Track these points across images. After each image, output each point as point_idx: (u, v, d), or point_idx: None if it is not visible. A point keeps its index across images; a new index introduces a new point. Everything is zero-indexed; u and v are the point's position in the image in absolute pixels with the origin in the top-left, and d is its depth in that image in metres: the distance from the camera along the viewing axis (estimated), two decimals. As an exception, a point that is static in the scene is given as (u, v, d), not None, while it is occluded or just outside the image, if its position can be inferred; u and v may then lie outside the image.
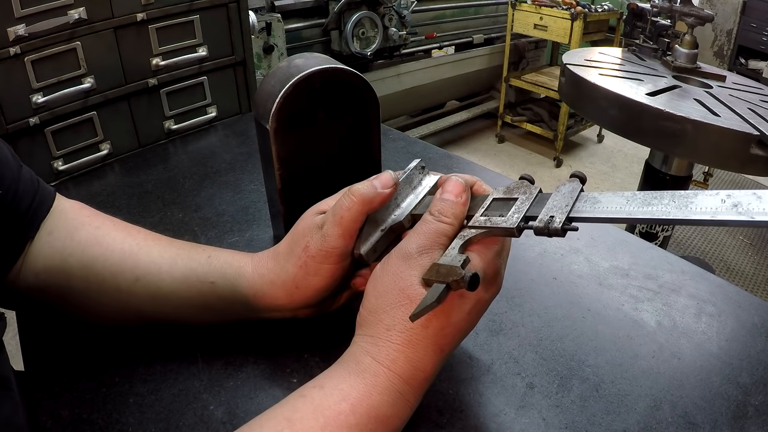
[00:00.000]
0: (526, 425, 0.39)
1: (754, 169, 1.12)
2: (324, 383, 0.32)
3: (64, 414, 0.40)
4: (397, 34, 2.40)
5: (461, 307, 0.33)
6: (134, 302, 0.43)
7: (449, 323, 0.33)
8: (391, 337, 0.32)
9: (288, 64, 0.49)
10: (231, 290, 0.42)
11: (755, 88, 1.48)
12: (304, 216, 0.43)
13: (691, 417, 0.40)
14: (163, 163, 0.79)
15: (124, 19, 0.75)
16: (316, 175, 0.51)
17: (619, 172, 3.01)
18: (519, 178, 0.37)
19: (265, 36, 1.90)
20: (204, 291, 0.42)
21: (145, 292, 0.42)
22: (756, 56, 3.65)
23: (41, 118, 0.70)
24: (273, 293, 0.41)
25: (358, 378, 0.32)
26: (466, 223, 0.36)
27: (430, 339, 0.32)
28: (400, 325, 0.32)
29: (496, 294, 0.37)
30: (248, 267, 0.42)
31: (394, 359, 0.32)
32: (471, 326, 0.35)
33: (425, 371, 0.33)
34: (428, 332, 0.32)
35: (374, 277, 0.35)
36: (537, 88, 3.03)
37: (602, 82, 1.29)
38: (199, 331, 0.46)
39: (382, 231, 0.40)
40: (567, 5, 2.69)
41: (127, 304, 0.43)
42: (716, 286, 0.54)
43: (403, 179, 0.42)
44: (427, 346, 0.32)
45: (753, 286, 2.09)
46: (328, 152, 0.52)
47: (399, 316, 0.32)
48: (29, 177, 0.43)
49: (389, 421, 0.31)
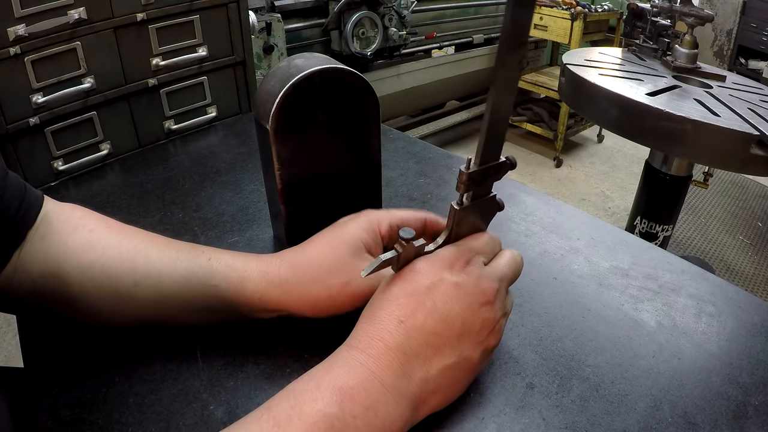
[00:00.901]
0: (526, 425, 0.39)
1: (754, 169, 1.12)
2: (302, 376, 0.34)
3: (64, 414, 0.40)
4: (397, 34, 2.40)
5: (415, 281, 0.36)
6: (134, 306, 0.42)
7: (403, 294, 0.36)
8: (358, 324, 0.36)
9: (288, 64, 0.49)
10: (234, 293, 0.42)
11: (755, 88, 1.48)
12: (344, 232, 0.43)
13: (691, 417, 0.40)
14: (163, 163, 0.79)
15: (124, 19, 0.75)
16: (316, 175, 0.51)
17: (619, 172, 3.01)
18: (505, 158, 0.40)
19: (265, 36, 1.90)
20: (206, 294, 0.42)
21: (145, 296, 0.42)
22: (756, 56, 3.65)
23: (41, 118, 0.70)
24: (282, 300, 0.41)
25: (325, 361, 0.34)
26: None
27: (384, 310, 0.36)
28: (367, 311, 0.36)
29: (459, 280, 0.37)
30: (254, 272, 0.42)
31: (352, 335, 0.36)
32: (430, 300, 0.36)
33: (383, 340, 0.34)
34: (383, 305, 0.36)
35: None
36: (537, 88, 3.03)
37: (602, 82, 1.29)
38: (199, 331, 0.46)
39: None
40: (567, 5, 2.69)
41: (126, 308, 0.42)
42: (716, 286, 0.54)
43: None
44: (382, 317, 0.35)
45: (753, 286, 2.09)
46: (328, 152, 0.52)
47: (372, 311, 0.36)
48: (16, 183, 0.42)
49: (353, 392, 0.32)
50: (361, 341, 0.35)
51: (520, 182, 0.75)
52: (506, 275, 0.41)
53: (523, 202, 0.69)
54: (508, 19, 0.33)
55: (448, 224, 0.41)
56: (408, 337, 0.34)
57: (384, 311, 0.36)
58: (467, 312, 0.36)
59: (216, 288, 0.42)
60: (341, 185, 0.55)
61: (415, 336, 0.35)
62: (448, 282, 0.36)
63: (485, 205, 0.42)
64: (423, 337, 0.35)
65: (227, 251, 0.44)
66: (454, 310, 0.36)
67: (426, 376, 0.35)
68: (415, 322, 0.35)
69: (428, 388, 0.35)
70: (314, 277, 0.41)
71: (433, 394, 0.36)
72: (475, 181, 0.39)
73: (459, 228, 0.42)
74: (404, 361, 0.34)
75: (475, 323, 0.37)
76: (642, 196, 1.65)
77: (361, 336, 0.35)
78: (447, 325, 0.35)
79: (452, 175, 0.75)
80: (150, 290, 0.42)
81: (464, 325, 0.36)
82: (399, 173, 0.75)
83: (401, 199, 0.69)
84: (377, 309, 0.36)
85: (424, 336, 0.35)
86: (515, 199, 0.70)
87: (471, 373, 0.38)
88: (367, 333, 0.35)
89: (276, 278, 0.41)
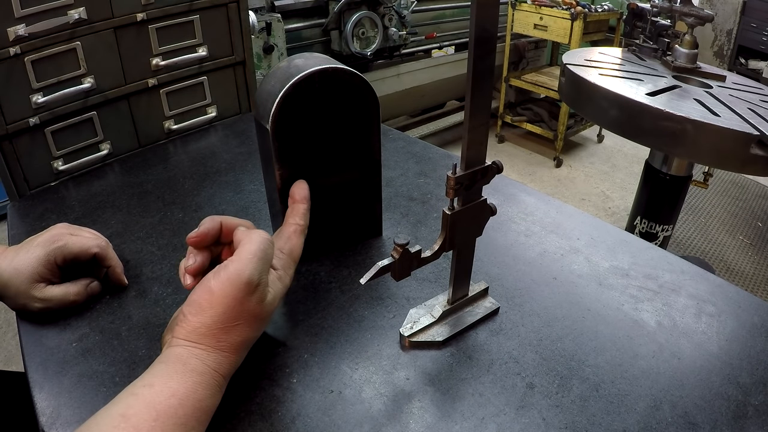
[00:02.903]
0: (526, 425, 0.39)
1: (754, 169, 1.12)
2: (153, 382, 0.36)
3: (64, 414, 0.40)
4: (397, 34, 2.40)
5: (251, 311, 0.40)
6: None
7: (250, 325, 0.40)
8: (222, 347, 0.38)
9: (288, 64, 0.49)
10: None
11: (755, 88, 1.48)
12: (23, 262, 0.48)
13: (691, 417, 0.40)
14: (163, 163, 0.79)
15: (124, 19, 0.74)
16: (316, 175, 0.51)
17: (619, 172, 3.01)
18: (491, 162, 0.42)
19: (265, 36, 1.90)
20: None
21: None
22: (756, 56, 3.65)
23: (41, 118, 0.70)
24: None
25: (185, 377, 0.36)
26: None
27: (246, 343, 0.40)
28: (232, 340, 0.39)
29: (263, 304, 0.40)
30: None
31: (220, 363, 0.38)
32: (256, 321, 0.40)
33: (238, 365, 0.40)
34: (246, 339, 0.40)
35: (210, 294, 0.39)
36: (537, 88, 3.03)
37: (602, 82, 1.29)
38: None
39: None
40: (567, 5, 2.69)
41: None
42: (716, 286, 0.54)
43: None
44: (245, 348, 0.40)
45: (753, 286, 2.09)
46: (328, 152, 0.52)
47: (234, 334, 0.39)
48: None
49: (210, 410, 0.37)
50: (228, 370, 0.39)
51: (520, 182, 0.75)
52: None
53: (523, 202, 0.69)
54: (474, 22, 0.34)
55: (443, 230, 0.42)
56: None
57: (244, 345, 0.41)
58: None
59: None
60: (341, 185, 0.55)
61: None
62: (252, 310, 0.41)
63: (477, 210, 0.43)
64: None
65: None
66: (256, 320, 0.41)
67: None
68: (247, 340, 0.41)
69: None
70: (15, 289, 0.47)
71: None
72: (464, 185, 0.40)
73: (453, 232, 0.42)
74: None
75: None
76: (642, 196, 1.65)
77: (226, 365, 0.39)
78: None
79: (452, 175, 0.75)
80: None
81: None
82: (399, 173, 0.75)
83: (401, 199, 0.69)
84: (239, 343, 0.40)
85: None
86: (515, 199, 0.70)
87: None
88: (232, 363, 0.40)
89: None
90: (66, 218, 0.65)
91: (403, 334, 0.46)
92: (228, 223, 0.44)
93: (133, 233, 0.62)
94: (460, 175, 0.39)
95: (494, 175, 0.42)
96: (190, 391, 0.36)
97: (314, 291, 0.53)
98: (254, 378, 0.43)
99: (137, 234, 0.62)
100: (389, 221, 0.64)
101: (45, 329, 0.48)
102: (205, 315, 0.38)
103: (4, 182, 0.70)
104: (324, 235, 0.56)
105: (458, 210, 0.41)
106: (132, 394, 0.35)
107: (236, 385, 0.41)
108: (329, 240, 0.58)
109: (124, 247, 0.59)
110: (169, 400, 0.35)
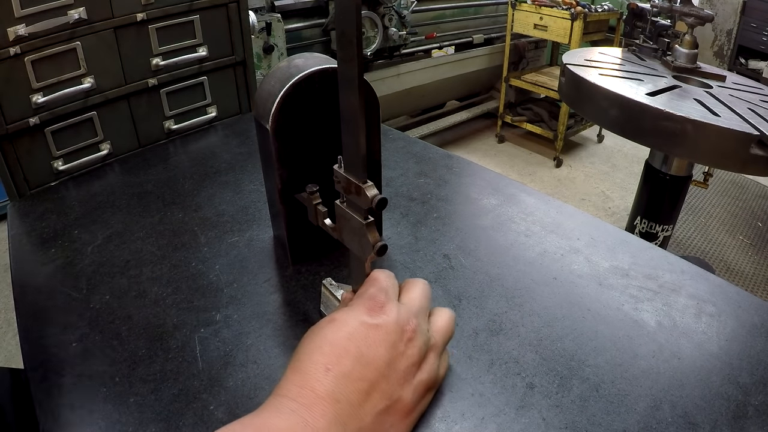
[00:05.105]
0: (526, 425, 0.39)
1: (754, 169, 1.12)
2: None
3: (64, 414, 0.40)
4: (397, 34, 2.40)
5: (336, 329, 0.36)
6: None
7: (326, 342, 0.35)
8: (284, 375, 0.35)
9: (288, 64, 0.49)
10: None
11: (755, 88, 1.48)
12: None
13: (691, 417, 0.40)
14: (163, 163, 0.79)
15: (124, 19, 0.74)
16: (316, 175, 0.51)
17: (619, 172, 3.01)
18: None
19: (265, 36, 1.90)
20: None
21: None
22: (756, 56, 3.65)
23: (41, 118, 0.70)
24: None
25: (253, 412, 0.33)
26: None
27: (310, 359, 0.35)
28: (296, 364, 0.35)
29: (378, 321, 0.37)
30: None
31: (279, 386, 0.34)
32: (354, 345, 0.36)
33: (313, 389, 0.33)
34: (307, 356, 0.35)
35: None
36: (537, 88, 3.03)
37: (602, 82, 1.29)
38: (199, 330, 0.46)
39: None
40: (567, 5, 2.69)
41: None
42: (716, 286, 0.54)
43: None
44: (308, 367, 0.35)
45: (753, 286, 2.09)
46: (328, 152, 0.52)
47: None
48: None
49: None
50: (291, 390, 0.34)
51: (520, 182, 0.75)
52: (421, 307, 0.40)
53: (523, 202, 0.69)
54: (337, 17, 0.34)
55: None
56: (337, 384, 0.34)
57: (309, 361, 0.35)
58: (391, 352, 0.36)
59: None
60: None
61: (344, 382, 0.34)
62: (368, 325, 0.36)
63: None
64: (352, 383, 0.34)
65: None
66: (379, 352, 0.35)
67: (360, 425, 0.33)
68: (343, 368, 0.34)
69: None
70: None
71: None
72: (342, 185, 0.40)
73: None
74: (337, 409, 0.33)
75: (401, 362, 0.36)
76: (642, 196, 1.65)
77: (289, 386, 0.34)
78: (373, 368, 0.35)
79: (452, 175, 0.75)
80: None
81: (389, 365, 0.35)
82: (399, 173, 0.75)
83: (401, 199, 0.69)
84: (302, 359, 0.35)
85: (353, 382, 0.34)
86: (515, 199, 0.70)
87: (407, 414, 0.36)
88: (295, 383, 0.34)
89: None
90: (66, 218, 0.65)
91: None
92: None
93: (133, 233, 0.62)
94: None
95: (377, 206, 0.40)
96: (264, 420, 0.33)
97: (314, 291, 0.53)
98: (254, 378, 0.43)
99: (137, 234, 0.62)
100: (389, 221, 0.64)
101: (45, 329, 0.48)
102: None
103: (4, 182, 0.70)
104: (324, 235, 0.56)
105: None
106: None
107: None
108: (329, 240, 0.58)
109: (124, 247, 0.59)
110: (245, 429, 0.32)
